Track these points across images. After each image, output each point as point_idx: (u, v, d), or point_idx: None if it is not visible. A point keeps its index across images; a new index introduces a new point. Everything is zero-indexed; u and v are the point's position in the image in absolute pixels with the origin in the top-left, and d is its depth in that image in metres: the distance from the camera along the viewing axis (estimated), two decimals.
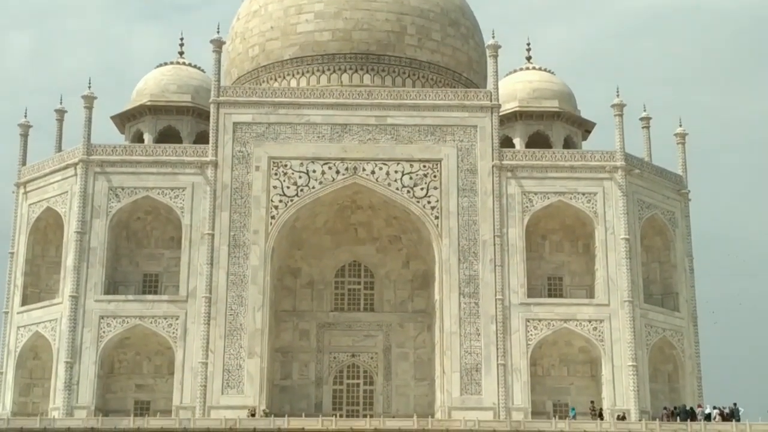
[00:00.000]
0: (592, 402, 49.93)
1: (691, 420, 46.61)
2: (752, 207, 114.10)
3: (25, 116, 56.94)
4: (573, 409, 49.17)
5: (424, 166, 52.17)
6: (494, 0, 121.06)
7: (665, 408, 49.58)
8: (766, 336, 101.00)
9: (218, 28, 54.76)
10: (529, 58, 61.68)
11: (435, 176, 52.05)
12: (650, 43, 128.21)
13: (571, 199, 52.26)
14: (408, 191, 51.88)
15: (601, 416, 47.83)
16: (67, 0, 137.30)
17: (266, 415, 47.23)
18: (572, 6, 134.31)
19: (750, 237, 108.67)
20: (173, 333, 49.82)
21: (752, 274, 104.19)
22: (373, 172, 52.00)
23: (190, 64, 60.19)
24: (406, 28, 58.55)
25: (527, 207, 51.82)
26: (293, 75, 58.57)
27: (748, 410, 48.31)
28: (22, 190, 54.87)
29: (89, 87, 53.98)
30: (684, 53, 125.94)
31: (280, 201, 51.51)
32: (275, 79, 58.82)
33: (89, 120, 52.90)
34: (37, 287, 53.88)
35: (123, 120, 58.50)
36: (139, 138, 57.26)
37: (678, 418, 47.32)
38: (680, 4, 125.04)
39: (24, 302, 52.89)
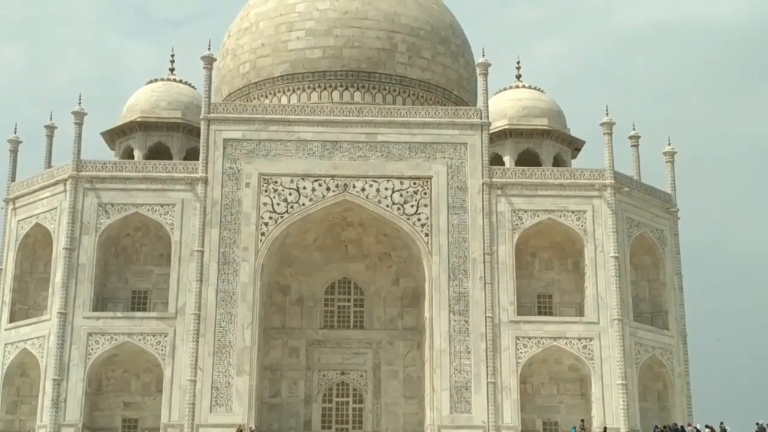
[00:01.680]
0: (582, 420, 49.46)
1: None
2: (742, 224, 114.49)
3: (15, 132, 56.69)
4: (574, 428, 48.64)
5: (414, 184, 52.02)
6: (485, 18, 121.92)
7: (656, 426, 49.26)
8: (754, 353, 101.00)
9: (209, 45, 54.57)
10: (518, 76, 61.77)
11: (425, 193, 51.91)
12: (639, 61, 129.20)
13: (560, 216, 52.12)
14: (398, 208, 51.68)
15: None
16: (60, 12, 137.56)
17: None
18: (562, 24, 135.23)
19: (740, 253, 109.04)
20: (162, 350, 49.40)
21: (742, 290, 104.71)
22: (363, 189, 51.81)
23: (180, 81, 60.02)
24: (396, 46, 58.76)
25: (517, 224, 51.69)
26: (284, 92, 58.63)
27: (738, 429, 48.37)
28: (11, 206, 54.48)
29: (80, 103, 53.54)
30: (673, 71, 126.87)
31: (270, 218, 51.24)
32: (266, 96, 58.85)
33: (79, 136, 52.56)
34: (25, 304, 53.43)
35: (113, 136, 58.30)
36: (129, 154, 57.06)
37: None
38: (670, 22, 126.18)
39: (12, 319, 52.41)
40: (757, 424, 47.68)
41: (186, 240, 50.69)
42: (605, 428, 48.11)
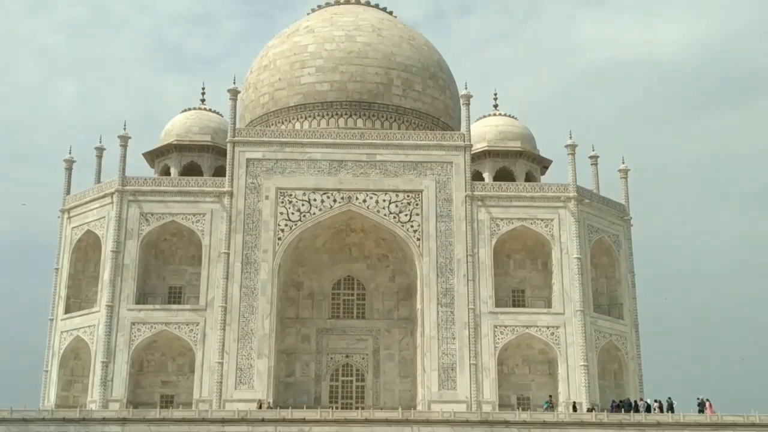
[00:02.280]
0: (550, 396, 49.86)
1: (634, 411, 46.56)
2: (686, 229, 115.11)
3: (70, 153, 57.02)
4: (547, 402, 48.80)
5: (408, 196, 52.26)
6: (467, 57, 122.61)
7: (613, 401, 49.35)
8: (697, 338, 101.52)
9: (234, 80, 55.31)
10: (496, 106, 61.97)
11: (417, 204, 52.13)
12: (598, 92, 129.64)
13: (531, 224, 52.39)
14: (394, 217, 51.95)
15: (574, 409, 47.43)
16: (108, 53, 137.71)
17: (270, 407, 47.05)
18: (533, 62, 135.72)
19: (684, 255, 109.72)
20: (194, 337, 49.67)
21: (687, 286, 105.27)
22: (364, 201, 52.09)
23: (210, 110, 60.15)
24: (392, 81, 58.74)
25: (495, 231, 51.93)
26: (297, 119, 58.63)
27: (682, 403, 48.44)
28: (66, 216, 54.82)
29: (124, 128, 54.13)
30: (627, 101, 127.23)
31: (286, 225, 51.52)
32: (282, 123, 58.85)
33: (124, 156, 53.05)
34: (78, 298, 53.67)
35: (153, 156, 58.59)
36: (166, 171, 57.30)
37: (623, 409, 47.21)
38: (624, 61, 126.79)
39: (67, 311, 52.73)
40: (698, 399, 47.97)
41: (214, 244, 51.00)
42: (574, 403, 48.29)
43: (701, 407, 47.03)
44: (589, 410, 47.16)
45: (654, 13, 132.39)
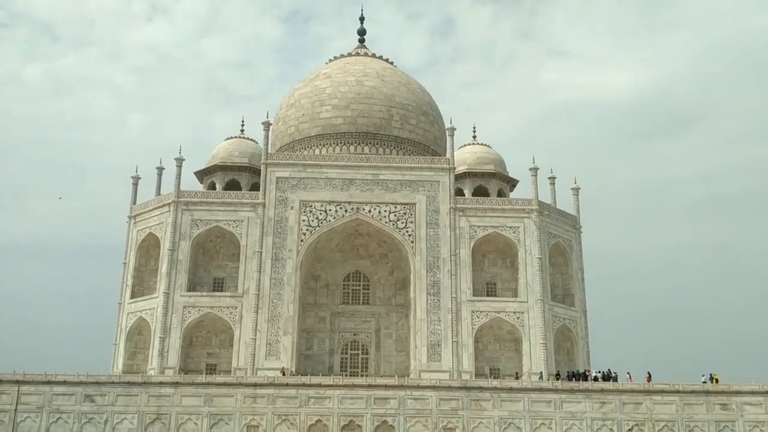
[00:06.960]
0: (517, 373, 49.72)
1: (583, 380, 46.53)
2: (627, 236, 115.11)
3: (136, 171, 57.43)
4: (541, 373, 48.24)
5: (404, 208, 52.32)
6: (452, 97, 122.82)
7: (568, 372, 49.30)
8: (633, 323, 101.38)
9: (267, 114, 55.43)
10: (474, 137, 62.10)
11: (411, 214, 52.18)
12: (558, 126, 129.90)
13: (502, 230, 52.47)
14: (393, 224, 51.99)
15: (557, 378, 47.17)
16: (169, 91, 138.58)
17: (292, 374, 47.09)
18: (505, 102, 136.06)
19: (624, 256, 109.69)
20: (233, 318, 49.68)
21: (625, 282, 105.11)
22: (369, 211, 52.15)
23: (248, 138, 60.32)
24: (392, 116, 58.87)
25: (473, 235, 51.97)
26: (317, 146, 58.73)
27: (622, 373, 48.13)
28: (132, 221, 55.00)
29: (180, 152, 54.43)
30: (580, 132, 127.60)
31: (307, 230, 51.60)
32: (305, 149, 58.94)
33: (179, 174, 53.23)
34: (142, 286, 53.79)
35: (202, 174, 58.71)
36: (212, 186, 57.38)
37: (573, 378, 47.18)
38: (581, 100, 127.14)
39: (132, 296, 52.83)
40: (613, 373, 46.83)
41: (250, 244, 51.01)
42: (558, 373, 47.75)
43: (614, 378, 46.61)
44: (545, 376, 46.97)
45: (605, 63, 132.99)
